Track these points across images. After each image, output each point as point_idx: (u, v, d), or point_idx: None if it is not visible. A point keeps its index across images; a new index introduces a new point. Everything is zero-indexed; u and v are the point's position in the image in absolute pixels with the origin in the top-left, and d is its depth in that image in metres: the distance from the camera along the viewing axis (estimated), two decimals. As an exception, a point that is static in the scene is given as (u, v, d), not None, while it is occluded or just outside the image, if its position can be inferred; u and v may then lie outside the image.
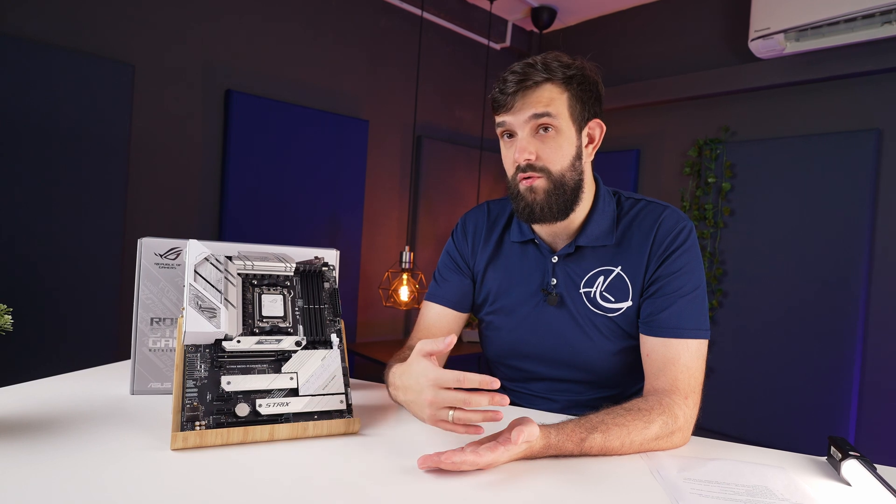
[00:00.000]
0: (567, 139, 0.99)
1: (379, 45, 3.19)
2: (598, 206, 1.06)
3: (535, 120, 0.97)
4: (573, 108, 0.99)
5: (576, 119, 0.99)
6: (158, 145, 2.41)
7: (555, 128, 0.98)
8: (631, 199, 1.09)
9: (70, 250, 2.16)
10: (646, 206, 1.06)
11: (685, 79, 3.01)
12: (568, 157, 1.00)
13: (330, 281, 0.91)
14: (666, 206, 1.05)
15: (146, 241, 0.94)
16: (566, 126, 0.98)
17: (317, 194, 2.91)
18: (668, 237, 1.00)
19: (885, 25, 2.26)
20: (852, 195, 2.47)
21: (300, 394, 0.80)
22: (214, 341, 0.78)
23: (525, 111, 0.97)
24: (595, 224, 1.05)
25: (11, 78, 1.99)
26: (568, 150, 0.99)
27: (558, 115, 0.97)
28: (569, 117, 0.98)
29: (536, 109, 0.96)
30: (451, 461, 0.68)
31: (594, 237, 1.04)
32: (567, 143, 0.99)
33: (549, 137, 0.98)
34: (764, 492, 0.70)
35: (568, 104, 0.98)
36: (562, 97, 0.97)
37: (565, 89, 0.98)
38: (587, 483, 0.71)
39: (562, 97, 0.97)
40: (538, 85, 0.97)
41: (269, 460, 0.70)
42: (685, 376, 0.91)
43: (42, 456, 0.66)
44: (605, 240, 1.04)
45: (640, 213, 1.05)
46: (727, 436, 2.40)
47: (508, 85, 0.98)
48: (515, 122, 0.99)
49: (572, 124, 0.99)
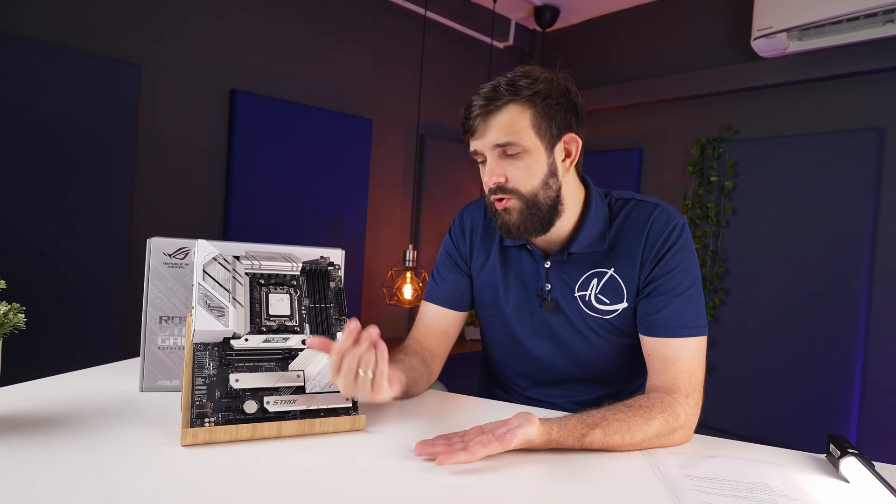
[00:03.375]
0: (535, 159, 0.96)
1: (382, 44, 3.20)
2: (590, 212, 1.03)
3: (500, 147, 0.96)
4: (538, 125, 0.95)
5: (543, 136, 0.96)
6: (164, 145, 2.43)
7: (521, 149, 0.95)
8: (621, 200, 1.07)
9: (78, 249, 2.17)
10: (636, 205, 1.04)
11: (688, 77, 3.01)
12: (538, 176, 0.97)
13: (335, 280, 0.93)
14: (657, 203, 1.03)
15: (155, 240, 0.96)
16: (533, 145, 0.95)
17: (321, 193, 2.92)
18: (661, 237, 0.99)
19: (887, 24, 2.26)
20: (854, 194, 2.47)
21: (307, 391, 0.81)
22: (223, 339, 0.80)
23: (488, 137, 0.96)
24: (587, 231, 1.03)
25: (18, 78, 2.01)
26: (538, 170, 0.97)
27: (522, 137, 0.94)
28: (535, 136, 0.95)
29: (498, 140, 0.95)
30: (444, 463, 0.70)
31: (586, 244, 1.03)
32: (536, 163, 0.96)
33: (517, 159, 0.96)
34: (763, 488, 0.71)
35: (532, 122, 0.95)
36: (524, 116, 0.94)
37: (529, 107, 0.95)
38: (588, 478, 0.72)
39: (524, 116, 0.94)
40: (499, 109, 0.95)
41: (277, 456, 0.72)
42: (685, 375, 0.92)
43: (55, 452, 0.68)
44: (597, 246, 1.03)
45: (630, 214, 1.03)
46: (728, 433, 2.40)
47: (473, 110, 0.97)
48: (481, 148, 0.98)
49: (540, 142, 0.96)
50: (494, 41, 3.66)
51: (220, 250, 0.85)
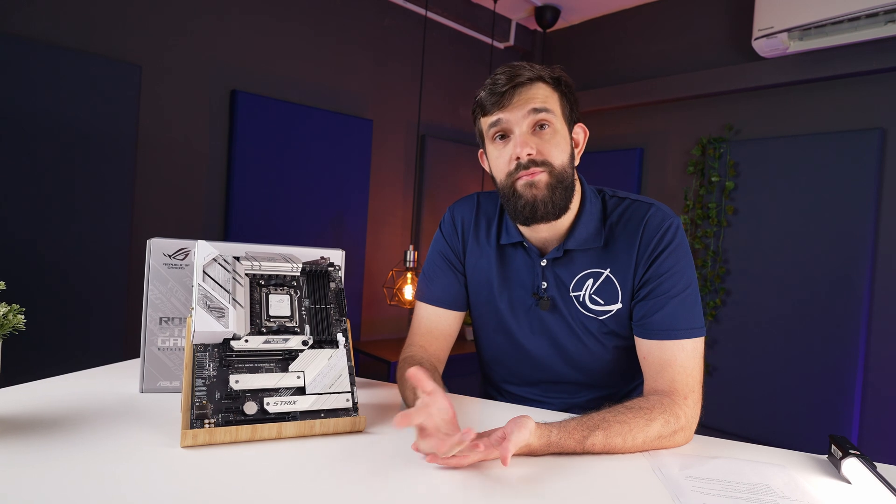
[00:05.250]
0: (563, 138, 0.99)
1: (383, 44, 3.20)
2: (585, 208, 1.04)
3: (535, 115, 0.95)
4: (564, 108, 0.99)
5: (566, 119, 1.00)
6: (165, 145, 2.43)
7: (551, 125, 0.97)
8: (616, 198, 1.06)
9: (78, 250, 2.17)
10: (630, 204, 1.04)
11: (689, 77, 3.01)
12: (566, 154, 0.99)
13: (336, 281, 0.93)
14: (651, 203, 1.03)
15: (155, 241, 0.96)
16: (560, 125, 0.98)
17: (321, 193, 2.92)
18: (655, 238, 0.98)
19: (888, 24, 2.26)
20: (855, 194, 2.47)
21: (307, 392, 0.81)
22: (223, 340, 0.80)
23: (522, 106, 0.95)
24: (583, 226, 1.03)
25: (19, 78, 2.01)
26: (565, 148, 0.99)
27: (554, 112, 0.97)
28: (562, 116, 0.98)
29: (535, 104, 0.95)
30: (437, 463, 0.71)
31: (582, 240, 1.03)
32: (563, 142, 0.99)
33: (547, 134, 0.97)
34: (765, 489, 0.71)
35: (560, 104, 0.99)
36: (554, 96, 0.98)
37: (555, 89, 0.98)
38: (589, 479, 0.72)
39: (554, 96, 0.98)
40: (531, 82, 0.97)
41: (277, 458, 0.72)
42: (682, 377, 0.91)
43: (55, 453, 0.68)
44: (593, 242, 1.02)
45: (625, 213, 1.03)
46: (729, 434, 2.40)
47: (499, 83, 0.97)
48: (512, 119, 0.96)
49: (564, 123, 0.99)
50: (495, 41, 3.66)
51: (220, 251, 0.85)
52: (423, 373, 0.76)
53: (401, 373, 1.01)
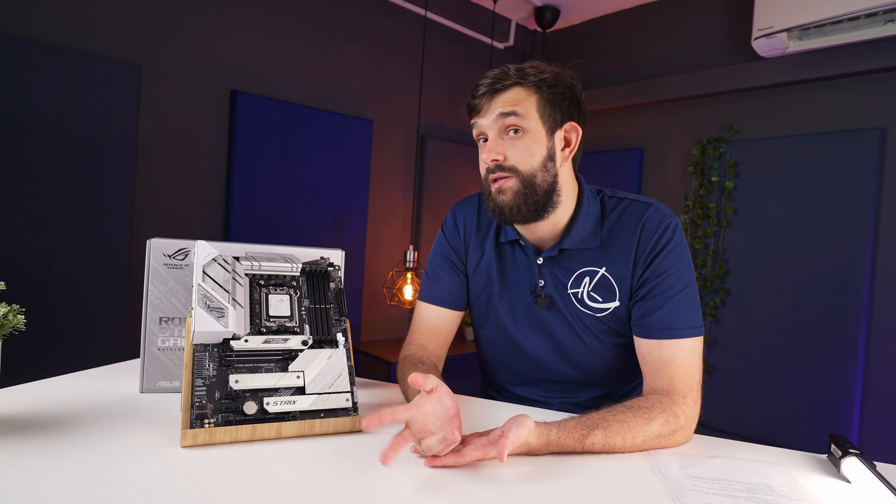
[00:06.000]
0: (535, 140, 0.98)
1: (383, 44, 3.20)
2: (582, 207, 1.04)
3: (502, 119, 0.97)
4: (543, 109, 0.98)
5: (546, 121, 0.99)
6: (165, 145, 2.43)
7: (522, 129, 0.98)
8: (614, 198, 1.07)
9: (78, 250, 2.17)
10: (629, 204, 1.04)
11: (688, 77, 3.01)
12: (538, 157, 0.99)
13: (335, 281, 0.93)
14: (649, 203, 1.03)
15: (155, 241, 0.96)
16: (535, 127, 0.98)
17: (321, 194, 2.92)
18: (653, 237, 0.98)
19: (888, 24, 2.26)
20: (855, 194, 2.47)
21: (307, 392, 0.81)
22: (223, 340, 0.80)
23: (493, 111, 0.98)
24: (580, 226, 1.03)
25: (19, 79, 2.01)
26: (537, 151, 0.98)
27: (525, 116, 0.97)
28: (538, 118, 0.98)
29: (504, 108, 0.97)
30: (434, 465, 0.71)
31: (578, 240, 1.03)
32: (535, 145, 0.98)
33: (517, 139, 0.98)
34: (764, 489, 0.71)
35: (537, 105, 0.98)
36: (530, 99, 0.98)
37: (534, 92, 0.98)
38: (589, 478, 0.72)
39: (530, 99, 0.98)
40: (506, 89, 0.98)
41: (277, 457, 0.72)
42: (681, 376, 0.91)
43: (55, 453, 0.68)
44: (589, 242, 1.03)
45: (623, 213, 1.03)
46: (729, 433, 2.40)
47: (480, 89, 1.00)
48: (485, 124, 1.00)
49: (542, 125, 0.98)
50: (495, 42, 3.66)
51: (220, 251, 0.85)
52: (423, 377, 0.76)
53: (401, 371, 1.03)
